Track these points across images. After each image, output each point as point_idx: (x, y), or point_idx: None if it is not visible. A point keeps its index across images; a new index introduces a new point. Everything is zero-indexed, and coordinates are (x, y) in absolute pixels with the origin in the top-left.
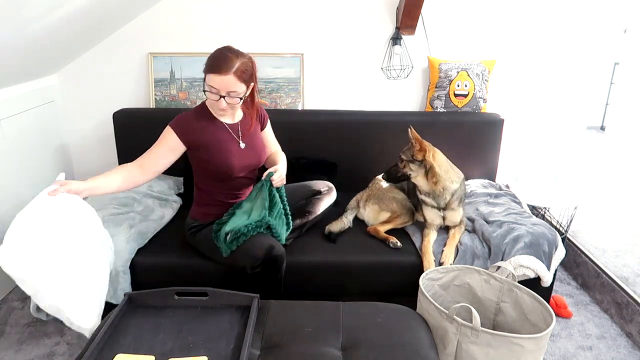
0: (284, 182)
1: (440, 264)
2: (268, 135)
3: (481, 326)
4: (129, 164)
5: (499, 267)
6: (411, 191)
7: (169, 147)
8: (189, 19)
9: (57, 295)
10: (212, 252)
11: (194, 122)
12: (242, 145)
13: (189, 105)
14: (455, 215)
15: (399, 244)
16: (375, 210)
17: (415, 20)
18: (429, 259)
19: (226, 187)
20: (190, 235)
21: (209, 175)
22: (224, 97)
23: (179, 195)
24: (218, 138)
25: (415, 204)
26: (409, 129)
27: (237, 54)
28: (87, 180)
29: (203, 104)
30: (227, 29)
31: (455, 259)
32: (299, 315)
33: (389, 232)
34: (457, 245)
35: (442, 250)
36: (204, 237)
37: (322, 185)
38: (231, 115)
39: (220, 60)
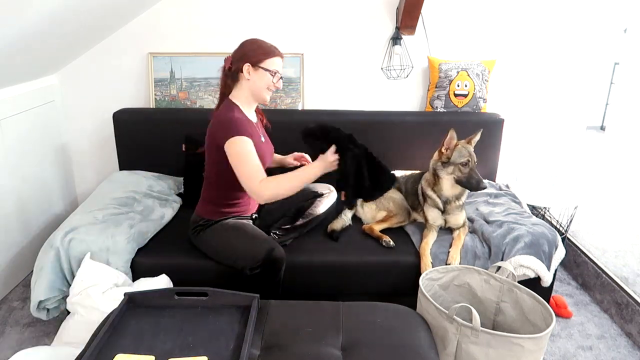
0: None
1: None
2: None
3: (481, 326)
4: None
5: (499, 267)
6: (409, 191)
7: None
8: (189, 19)
9: None
10: (213, 251)
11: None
12: (263, 139)
13: (189, 105)
14: (458, 218)
15: (391, 242)
16: (373, 209)
17: (415, 20)
18: (425, 261)
19: None
20: (194, 233)
21: None
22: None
23: (179, 195)
24: (257, 134)
25: (413, 204)
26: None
27: None
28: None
29: (231, 104)
30: (228, 29)
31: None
32: (299, 315)
33: (387, 231)
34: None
35: (449, 252)
36: (208, 236)
37: (323, 187)
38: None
39: (273, 46)
